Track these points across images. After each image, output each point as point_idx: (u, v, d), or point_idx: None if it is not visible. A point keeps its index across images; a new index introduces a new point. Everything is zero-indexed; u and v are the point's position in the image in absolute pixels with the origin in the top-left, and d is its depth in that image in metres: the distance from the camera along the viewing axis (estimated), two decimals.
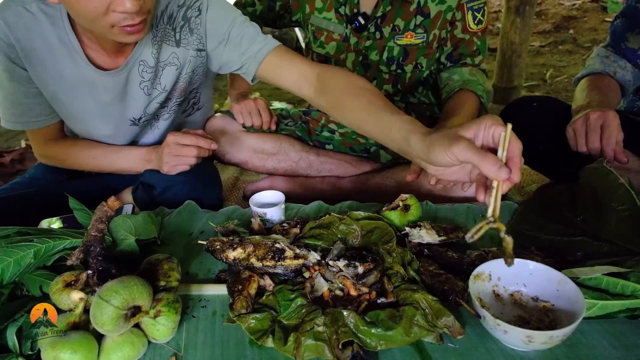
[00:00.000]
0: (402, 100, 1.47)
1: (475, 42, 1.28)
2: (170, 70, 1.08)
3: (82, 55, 1.00)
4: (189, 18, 1.02)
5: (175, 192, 1.10)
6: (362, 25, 1.30)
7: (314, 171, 1.47)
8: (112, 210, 0.71)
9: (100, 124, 1.14)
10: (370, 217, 0.90)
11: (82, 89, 1.05)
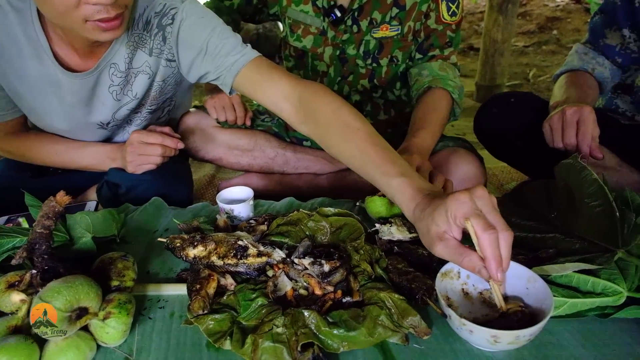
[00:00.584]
0: (381, 97, 1.44)
1: (448, 35, 1.26)
2: (142, 79, 1.03)
3: (49, 53, 0.95)
4: (164, 26, 0.97)
5: (141, 192, 1.06)
6: (339, 18, 1.27)
7: (290, 168, 1.44)
8: (60, 206, 0.66)
9: (65, 124, 1.08)
10: (340, 213, 0.87)
11: (47, 89, 1.00)
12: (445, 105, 1.18)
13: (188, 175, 1.25)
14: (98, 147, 1.13)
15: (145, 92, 1.07)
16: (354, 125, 0.80)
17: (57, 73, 0.97)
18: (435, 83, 1.19)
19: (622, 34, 1.22)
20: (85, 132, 1.12)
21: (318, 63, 1.37)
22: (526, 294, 0.63)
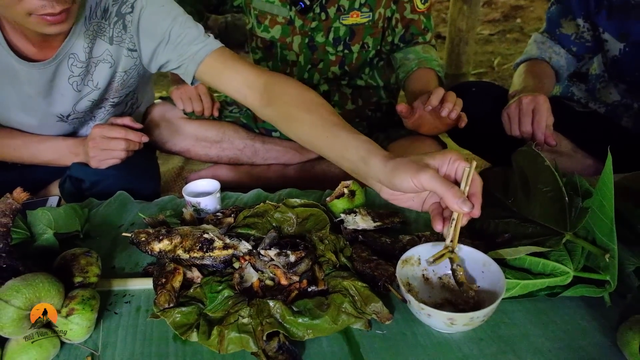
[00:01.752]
0: (348, 85, 1.45)
1: (423, 21, 1.30)
2: (103, 67, 1.00)
3: (3, 43, 0.91)
4: (124, 15, 0.95)
5: (106, 186, 1.04)
6: (307, 6, 1.27)
7: (259, 159, 1.44)
8: (17, 203, 0.65)
9: (23, 116, 1.04)
10: (306, 204, 0.88)
11: (3, 79, 0.96)
12: (434, 82, 1.24)
13: (155, 168, 1.24)
14: (59, 142, 1.09)
15: (108, 83, 1.04)
16: (317, 101, 0.83)
17: (12, 62, 0.93)
18: (422, 64, 1.25)
19: (576, 23, 1.27)
20: (45, 126, 1.09)
21: (287, 53, 1.37)
22: (482, 277, 0.67)
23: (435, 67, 1.26)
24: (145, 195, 1.07)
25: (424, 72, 1.26)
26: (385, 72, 1.45)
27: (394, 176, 0.63)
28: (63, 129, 1.12)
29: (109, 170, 1.04)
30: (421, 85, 1.22)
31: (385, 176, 0.64)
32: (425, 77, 1.24)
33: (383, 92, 1.48)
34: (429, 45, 1.33)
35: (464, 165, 0.63)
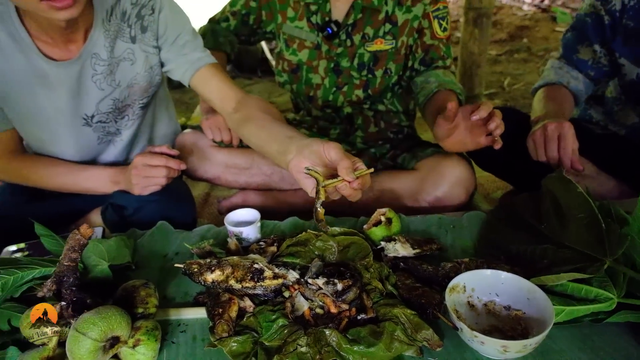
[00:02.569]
0: (370, 108, 1.49)
1: (442, 48, 1.34)
2: (125, 66, 1.08)
3: (33, 47, 0.98)
4: (143, 16, 1.06)
5: (147, 213, 1.08)
6: (334, 32, 1.33)
7: (286, 184, 1.48)
8: (85, 238, 0.69)
9: (53, 125, 1.09)
10: (346, 232, 0.91)
11: (35, 84, 1.02)
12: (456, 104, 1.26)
13: (189, 194, 1.28)
14: (100, 170, 1.14)
15: (131, 82, 1.11)
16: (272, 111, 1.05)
17: (42, 64, 1.00)
18: (443, 87, 1.27)
19: (593, 49, 1.31)
20: (72, 133, 1.12)
21: (313, 76, 1.42)
22: (527, 304, 0.69)
23: (456, 89, 1.29)
24: (183, 221, 1.11)
25: (445, 93, 1.28)
26: (405, 99, 1.49)
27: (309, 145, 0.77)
28: (89, 138, 1.15)
29: (150, 197, 1.08)
30: (440, 106, 1.23)
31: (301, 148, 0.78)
32: (446, 99, 1.26)
33: (403, 116, 1.52)
34: (449, 70, 1.37)
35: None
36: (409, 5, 1.30)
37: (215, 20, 1.48)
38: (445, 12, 1.32)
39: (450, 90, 1.28)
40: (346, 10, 1.32)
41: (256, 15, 1.44)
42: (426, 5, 1.29)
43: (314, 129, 1.49)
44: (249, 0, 1.42)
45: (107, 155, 1.23)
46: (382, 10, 1.30)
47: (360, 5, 1.29)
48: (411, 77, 1.38)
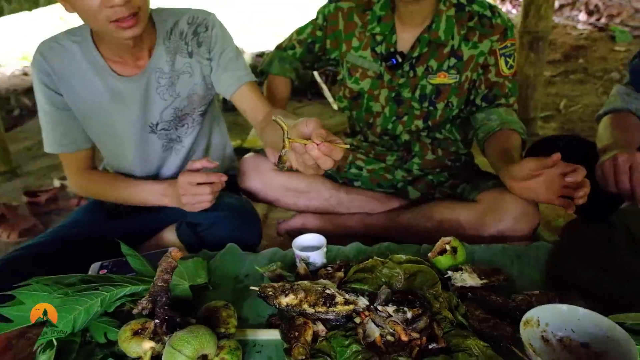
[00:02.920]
0: (428, 136, 1.50)
1: (507, 85, 1.33)
2: (184, 78, 1.22)
3: (106, 68, 1.15)
4: (198, 33, 1.20)
5: (220, 230, 1.17)
6: (398, 63, 1.36)
7: (343, 208, 1.51)
8: (175, 261, 0.75)
9: (125, 135, 1.23)
10: (412, 260, 0.93)
11: (109, 100, 1.17)
12: (519, 144, 1.25)
13: (255, 211, 1.35)
14: (152, 185, 1.23)
15: (190, 93, 1.24)
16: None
17: (114, 82, 1.16)
18: (504, 126, 1.27)
19: None
20: (141, 140, 1.25)
21: (373, 104, 1.44)
22: (606, 342, 0.68)
23: (518, 129, 1.28)
24: (251, 237, 1.20)
25: (507, 133, 1.27)
26: (464, 127, 1.48)
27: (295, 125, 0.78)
28: (154, 145, 1.27)
29: (221, 213, 1.17)
30: (504, 145, 1.23)
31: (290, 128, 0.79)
32: (508, 139, 1.26)
33: (461, 144, 1.52)
34: (512, 109, 1.35)
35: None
36: (475, 41, 1.30)
37: (282, 47, 1.55)
38: (512, 49, 1.32)
39: (512, 130, 1.27)
40: (412, 43, 1.34)
41: (321, 44, 1.50)
42: (493, 42, 1.30)
43: (370, 154, 1.52)
44: (315, 30, 1.49)
45: (170, 162, 1.33)
46: (448, 44, 1.31)
47: (427, 39, 1.31)
48: (472, 112, 1.38)
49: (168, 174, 1.34)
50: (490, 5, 1.32)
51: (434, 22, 1.31)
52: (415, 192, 1.47)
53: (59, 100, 1.17)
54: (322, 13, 1.47)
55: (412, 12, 1.31)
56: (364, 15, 1.40)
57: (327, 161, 0.76)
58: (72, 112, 1.19)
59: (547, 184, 1.05)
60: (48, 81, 1.14)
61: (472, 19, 1.31)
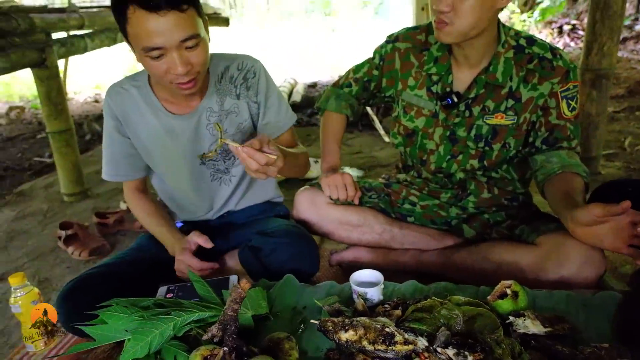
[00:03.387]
0: (484, 175, 1.49)
1: (569, 127, 1.30)
2: (232, 117, 1.33)
3: (162, 108, 1.29)
4: (247, 78, 1.33)
5: (281, 254, 1.24)
6: (454, 103, 1.36)
7: (397, 244, 1.51)
8: (245, 292, 0.79)
9: (177, 165, 1.35)
10: (471, 302, 0.93)
11: (165, 136, 1.31)
12: (582, 188, 1.20)
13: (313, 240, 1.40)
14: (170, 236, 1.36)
15: (236, 129, 1.35)
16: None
17: (169, 120, 1.29)
18: (566, 169, 1.24)
19: None
20: (192, 171, 1.36)
21: (427, 142, 1.45)
22: None
23: (581, 172, 1.23)
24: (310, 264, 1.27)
25: (569, 176, 1.23)
26: (521, 167, 1.45)
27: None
28: (203, 174, 1.38)
29: (284, 239, 1.26)
30: (566, 189, 1.19)
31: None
32: (570, 182, 1.21)
33: (518, 183, 1.49)
34: (574, 151, 1.31)
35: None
36: (535, 83, 1.28)
37: (338, 85, 1.61)
38: (575, 91, 1.29)
39: (574, 173, 1.23)
40: (468, 83, 1.34)
41: (377, 82, 1.54)
42: (554, 84, 1.27)
43: (424, 190, 1.52)
44: (371, 69, 1.53)
45: (221, 192, 1.43)
46: (506, 86, 1.30)
47: (484, 80, 1.31)
48: (531, 153, 1.35)
49: (220, 202, 1.45)
50: (551, 47, 1.30)
51: (491, 64, 1.30)
52: (471, 231, 1.45)
53: (125, 142, 1.33)
54: (379, 53, 1.52)
55: (468, 55, 1.31)
56: (420, 56, 1.42)
57: (252, 163, 1.03)
58: (135, 149, 1.34)
59: (614, 232, 1.01)
60: (117, 121, 1.30)
61: (532, 61, 1.29)
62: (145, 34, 1.05)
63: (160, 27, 1.04)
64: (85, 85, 6.47)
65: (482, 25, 1.22)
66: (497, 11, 1.23)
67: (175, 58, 1.07)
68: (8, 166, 3.31)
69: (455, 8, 1.18)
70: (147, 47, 1.06)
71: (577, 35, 5.51)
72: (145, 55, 1.08)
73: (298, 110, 4.21)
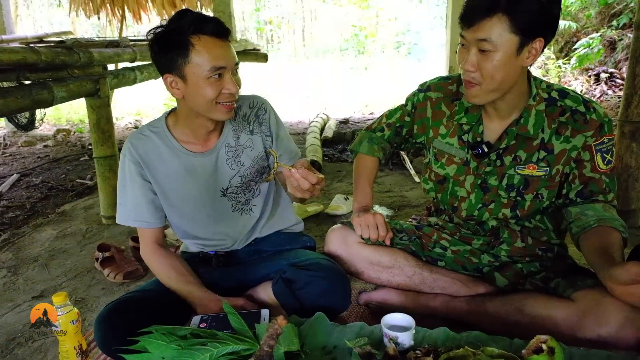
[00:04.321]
0: (517, 223, 1.48)
1: (604, 180, 1.28)
2: (247, 151, 1.43)
3: (181, 149, 1.37)
4: (259, 115, 1.45)
5: (314, 288, 1.27)
6: (485, 153, 1.37)
7: (426, 287, 1.50)
8: (281, 328, 0.81)
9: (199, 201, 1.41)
10: (505, 355, 0.91)
11: (185, 175, 1.38)
12: (619, 243, 1.18)
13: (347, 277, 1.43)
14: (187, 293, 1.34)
15: (253, 162, 1.44)
16: None
17: (189, 159, 1.38)
18: (602, 222, 1.21)
19: None
20: (214, 205, 1.43)
21: (458, 189, 1.46)
22: None
23: (618, 227, 1.21)
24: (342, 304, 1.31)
25: (606, 230, 1.20)
26: (556, 217, 1.43)
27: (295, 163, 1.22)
28: (224, 206, 1.44)
29: (319, 273, 1.30)
30: (603, 244, 1.17)
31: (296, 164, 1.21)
32: (607, 236, 1.19)
33: (553, 233, 1.46)
34: (611, 205, 1.28)
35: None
36: (568, 136, 1.28)
37: (371, 129, 1.65)
38: (610, 145, 1.28)
39: (611, 227, 1.21)
40: (499, 134, 1.35)
41: (409, 129, 1.57)
42: (587, 137, 1.27)
43: (455, 235, 1.52)
44: (404, 115, 1.58)
45: (244, 221, 1.48)
46: (538, 137, 1.31)
47: (515, 132, 1.32)
48: (565, 205, 1.34)
49: (245, 230, 1.50)
50: (584, 100, 1.30)
51: (522, 116, 1.31)
52: (503, 280, 1.43)
53: (146, 186, 1.37)
54: (411, 100, 1.56)
55: (498, 108, 1.33)
56: (451, 105, 1.45)
57: (304, 183, 1.15)
58: (154, 195, 1.39)
59: None
60: (138, 166, 1.35)
61: (564, 114, 1.29)
62: (214, 57, 1.20)
63: (224, 51, 1.23)
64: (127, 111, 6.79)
65: (509, 84, 1.24)
66: (523, 69, 1.25)
67: (230, 79, 1.24)
68: (52, 186, 3.48)
69: (480, 68, 1.21)
70: (214, 67, 1.20)
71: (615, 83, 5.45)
72: (209, 77, 1.21)
73: (329, 145, 4.28)
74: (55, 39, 4.00)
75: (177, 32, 1.20)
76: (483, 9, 1.16)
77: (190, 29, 1.19)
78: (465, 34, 1.21)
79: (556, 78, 6.09)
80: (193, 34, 1.19)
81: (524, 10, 1.15)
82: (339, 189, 3.11)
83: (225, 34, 1.24)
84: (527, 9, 1.15)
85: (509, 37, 1.16)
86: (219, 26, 1.23)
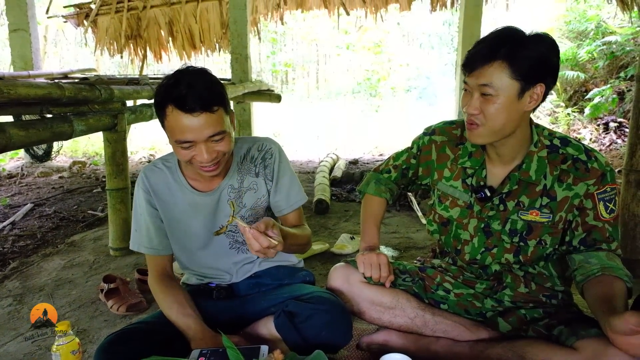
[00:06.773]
0: (520, 269, 1.47)
1: (607, 229, 1.29)
2: (250, 193, 1.47)
3: (187, 186, 1.45)
4: (265, 158, 1.49)
5: (317, 321, 1.28)
6: (487, 197, 1.39)
7: (428, 330, 1.49)
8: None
9: (198, 236, 1.47)
10: None
11: (188, 210, 1.45)
12: (623, 293, 1.17)
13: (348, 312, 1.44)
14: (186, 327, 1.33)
15: (254, 204, 1.48)
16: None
17: (193, 196, 1.45)
18: (606, 271, 1.21)
19: None
20: (212, 241, 1.47)
21: (462, 232, 1.47)
22: None
23: (622, 276, 1.20)
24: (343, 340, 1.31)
25: (609, 279, 1.20)
26: (561, 264, 1.43)
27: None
28: (222, 243, 1.48)
29: (321, 306, 1.30)
30: (606, 293, 1.17)
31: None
32: (610, 285, 1.18)
33: (557, 280, 1.45)
34: (614, 253, 1.28)
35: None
36: (570, 183, 1.30)
37: (379, 170, 1.69)
38: (612, 194, 1.29)
39: (615, 277, 1.20)
40: (502, 179, 1.38)
41: (414, 170, 1.61)
42: (589, 185, 1.28)
43: (459, 278, 1.52)
44: (409, 157, 1.62)
45: (240, 257, 1.51)
46: (540, 183, 1.33)
47: (517, 177, 1.34)
48: (569, 252, 1.34)
49: (241, 264, 1.52)
50: (586, 148, 1.32)
51: (524, 162, 1.33)
52: (506, 326, 1.41)
53: (154, 213, 1.45)
54: (416, 143, 1.61)
55: (500, 153, 1.36)
56: (456, 149, 1.49)
57: (255, 245, 1.16)
58: (162, 222, 1.45)
59: None
60: (149, 195, 1.44)
61: (566, 161, 1.31)
62: (179, 130, 1.23)
63: (192, 126, 1.21)
64: (142, 145, 6.97)
65: (511, 127, 1.28)
66: (525, 113, 1.29)
67: (202, 149, 1.25)
68: (64, 216, 3.55)
69: (483, 110, 1.25)
70: (179, 140, 1.24)
71: (623, 132, 5.47)
72: (177, 145, 1.26)
73: (338, 185, 4.32)
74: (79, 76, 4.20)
75: (161, 96, 1.25)
76: (484, 56, 1.22)
77: (168, 98, 1.21)
78: (468, 79, 1.27)
79: (565, 126, 6.15)
80: (169, 102, 1.21)
81: (523, 57, 1.20)
82: (345, 228, 3.13)
83: (202, 109, 1.19)
84: (526, 56, 1.20)
85: (510, 82, 1.21)
86: (195, 102, 1.18)
